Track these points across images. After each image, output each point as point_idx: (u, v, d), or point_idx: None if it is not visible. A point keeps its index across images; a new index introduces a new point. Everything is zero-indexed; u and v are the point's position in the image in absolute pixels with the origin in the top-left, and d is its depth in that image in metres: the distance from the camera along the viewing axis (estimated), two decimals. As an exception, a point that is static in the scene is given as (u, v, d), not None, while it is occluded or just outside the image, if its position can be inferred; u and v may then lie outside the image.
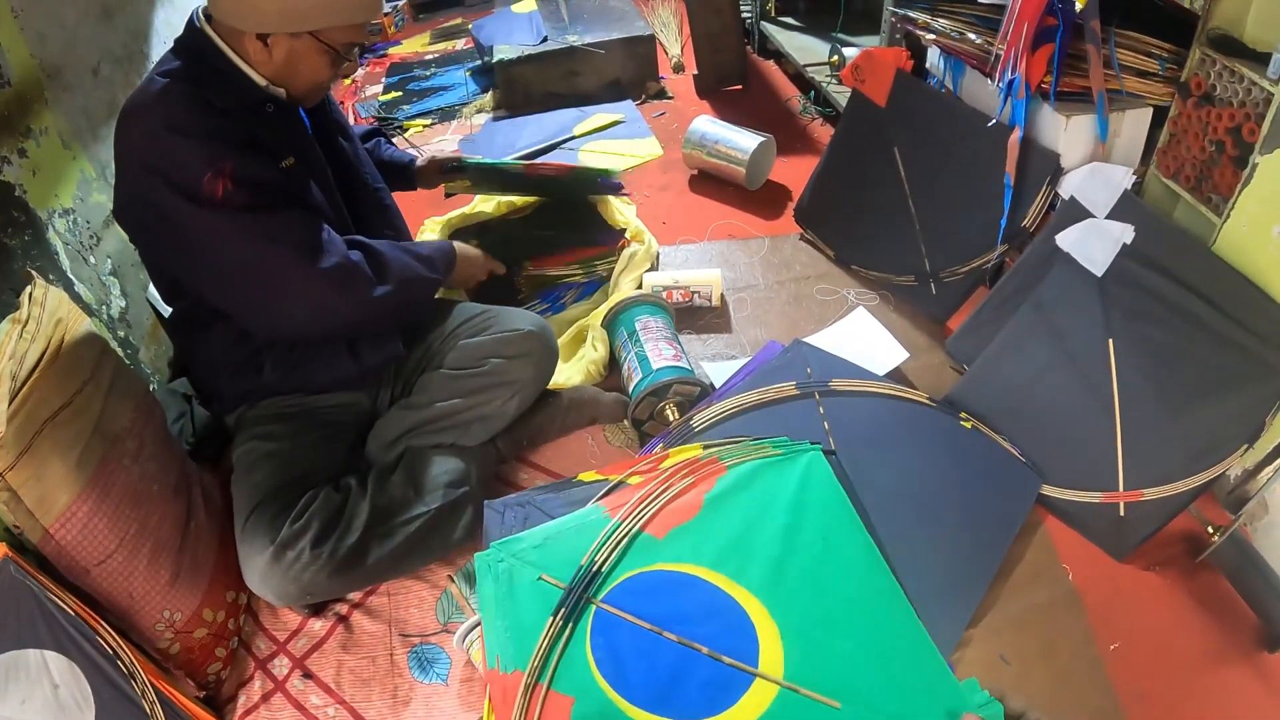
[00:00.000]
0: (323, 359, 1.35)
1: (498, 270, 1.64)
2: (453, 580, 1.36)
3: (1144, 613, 1.22)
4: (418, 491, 1.34)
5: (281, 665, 1.30)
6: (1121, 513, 1.28)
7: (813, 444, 1.29)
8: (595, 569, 1.12)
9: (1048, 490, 1.34)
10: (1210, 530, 1.26)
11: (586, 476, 1.32)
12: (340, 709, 1.24)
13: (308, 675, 1.28)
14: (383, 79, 3.39)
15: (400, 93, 3.22)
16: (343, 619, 1.35)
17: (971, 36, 1.59)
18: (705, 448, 1.31)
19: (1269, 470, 1.26)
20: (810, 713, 1.02)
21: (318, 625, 1.34)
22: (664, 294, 1.80)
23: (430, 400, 1.40)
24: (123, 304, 1.56)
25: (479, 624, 1.18)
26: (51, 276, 1.37)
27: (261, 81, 1.22)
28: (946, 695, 1.04)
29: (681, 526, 1.18)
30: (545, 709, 1.01)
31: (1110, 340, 1.31)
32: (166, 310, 1.43)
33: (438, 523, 1.33)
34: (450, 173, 1.81)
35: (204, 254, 1.20)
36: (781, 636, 1.08)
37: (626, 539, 1.15)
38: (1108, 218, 1.35)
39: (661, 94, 2.91)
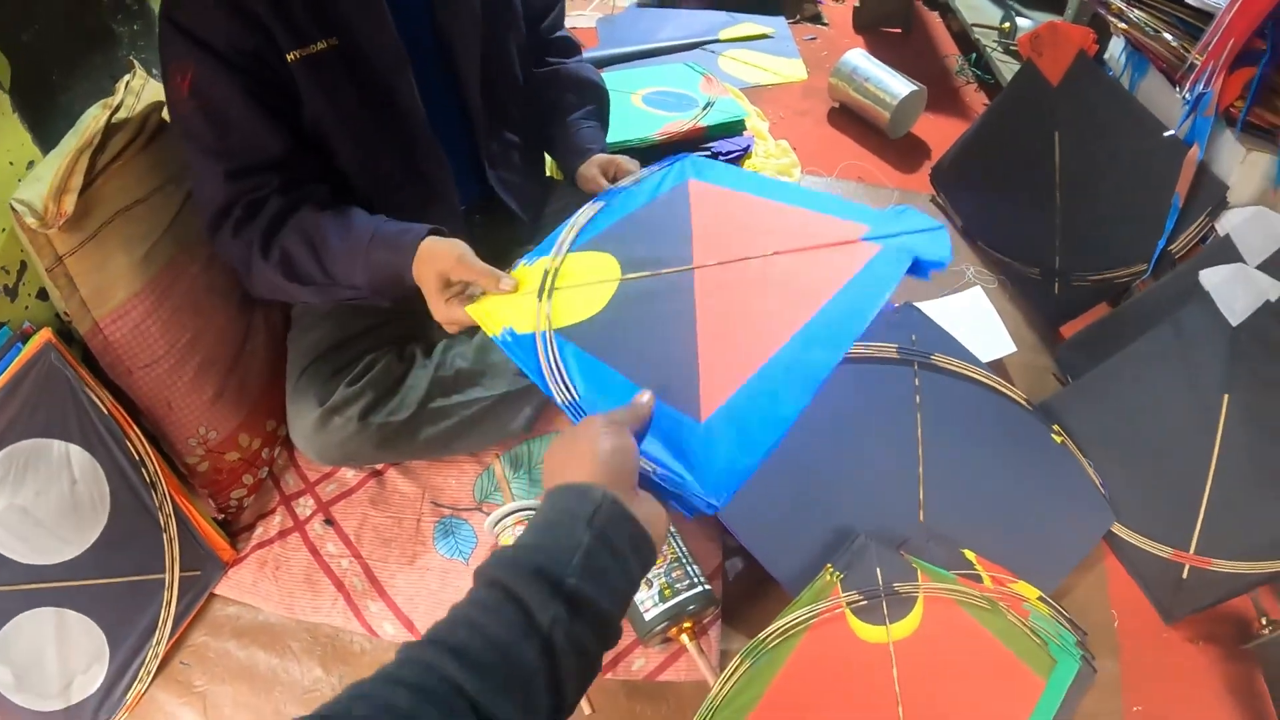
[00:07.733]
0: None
1: (472, 278, 0.95)
2: (499, 459, 1.32)
3: (1175, 683, 1.17)
4: (485, 370, 1.25)
5: (306, 505, 1.29)
6: (1184, 575, 1.22)
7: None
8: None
9: (1118, 529, 1.28)
10: (1264, 622, 1.20)
11: None
12: (355, 562, 1.23)
13: (329, 521, 1.27)
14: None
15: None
16: (377, 474, 1.32)
17: (1167, 37, 1.44)
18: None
19: (1343, 580, 1.19)
20: None
21: (350, 474, 1.32)
22: None
23: None
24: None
25: (514, 512, 1.14)
26: (155, 72, 1.30)
27: None
28: None
29: None
30: None
31: (1226, 395, 1.23)
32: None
33: (498, 410, 1.26)
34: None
35: None
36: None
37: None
38: (1259, 267, 1.25)
39: (817, 18, 2.76)
